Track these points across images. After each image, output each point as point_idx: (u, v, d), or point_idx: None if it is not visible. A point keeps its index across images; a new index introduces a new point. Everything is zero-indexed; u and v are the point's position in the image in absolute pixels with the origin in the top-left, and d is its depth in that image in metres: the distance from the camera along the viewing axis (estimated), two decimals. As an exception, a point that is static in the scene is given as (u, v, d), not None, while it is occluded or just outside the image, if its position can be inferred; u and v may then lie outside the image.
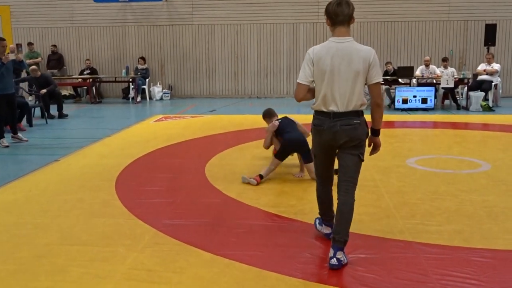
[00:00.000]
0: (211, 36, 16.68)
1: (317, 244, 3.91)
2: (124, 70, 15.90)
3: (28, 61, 15.91)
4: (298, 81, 3.57)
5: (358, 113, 3.49)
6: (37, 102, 11.97)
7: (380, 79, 3.51)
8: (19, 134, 8.74)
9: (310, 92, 3.60)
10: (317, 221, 4.13)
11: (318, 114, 3.57)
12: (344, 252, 3.49)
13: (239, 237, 4.08)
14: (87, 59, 16.52)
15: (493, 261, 3.54)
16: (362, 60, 3.40)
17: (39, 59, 16.27)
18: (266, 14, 16.36)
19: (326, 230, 3.98)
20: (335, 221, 3.56)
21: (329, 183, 3.87)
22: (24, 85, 11.94)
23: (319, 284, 3.23)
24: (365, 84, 3.49)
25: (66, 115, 11.93)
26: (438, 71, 13.61)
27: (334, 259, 3.44)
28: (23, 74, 14.84)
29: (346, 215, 3.52)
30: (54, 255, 3.74)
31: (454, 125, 10.28)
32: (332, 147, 3.58)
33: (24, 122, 10.26)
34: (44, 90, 11.62)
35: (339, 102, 3.45)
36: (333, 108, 3.47)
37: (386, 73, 13.85)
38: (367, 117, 3.55)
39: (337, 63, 3.43)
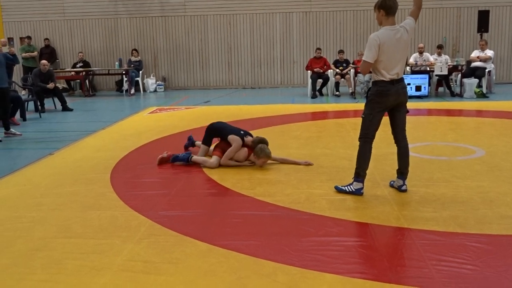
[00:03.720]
0: (204, 27, 16.61)
1: (313, 232, 3.91)
2: (117, 63, 15.83)
3: (24, 55, 15.89)
4: (365, 59, 4.60)
5: (404, 79, 4.75)
6: (30, 96, 11.91)
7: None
8: (12, 130, 8.68)
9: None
10: (340, 187, 4.91)
11: (381, 82, 4.61)
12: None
13: (235, 227, 4.08)
14: (80, 52, 16.42)
15: (488, 246, 3.55)
16: (407, 37, 4.65)
17: (35, 53, 16.19)
18: (258, 3, 16.29)
19: (358, 186, 4.80)
20: (400, 160, 4.85)
21: (373, 140, 4.81)
22: (17, 79, 11.89)
23: (316, 271, 3.23)
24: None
25: (71, 109, 11.98)
26: (431, 58, 13.61)
27: (405, 186, 4.85)
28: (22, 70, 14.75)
29: (408, 153, 4.86)
30: (50, 248, 3.74)
31: (449, 112, 10.30)
32: (390, 106, 4.68)
33: (17, 116, 10.21)
34: (52, 84, 11.86)
35: (399, 71, 4.62)
36: (393, 76, 4.57)
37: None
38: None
39: (395, 45, 4.56)
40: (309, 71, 13.80)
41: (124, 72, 15.62)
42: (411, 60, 13.64)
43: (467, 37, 15.90)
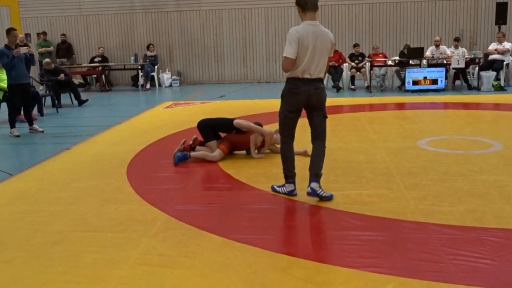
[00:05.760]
0: (219, 21, 16.60)
1: (328, 226, 3.91)
2: (132, 58, 15.92)
3: (40, 50, 16.13)
4: (286, 55, 4.30)
5: (322, 80, 4.45)
6: (47, 92, 12.04)
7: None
8: (35, 125, 8.77)
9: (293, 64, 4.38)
10: (275, 187, 4.76)
11: (293, 80, 4.35)
12: (319, 185, 4.41)
13: (250, 220, 4.09)
14: (101, 47, 16.54)
15: (506, 241, 3.52)
16: (329, 39, 4.42)
17: (51, 48, 16.42)
18: (273, -3, 16.23)
19: (289, 188, 4.62)
20: (313, 161, 4.47)
21: (293, 140, 4.58)
22: (35, 75, 12.03)
23: (331, 265, 3.24)
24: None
25: (86, 100, 12.14)
26: (448, 51, 13.46)
27: (309, 188, 4.41)
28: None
29: (321, 154, 4.50)
30: (68, 242, 3.79)
31: (465, 106, 10.18)
32: (302, 107, 4.43)
33: (35, 111, 10.31)
34: (62, 75, 11.98)
35: (313, 71, 4.32)
36: (307, 76, 4.30)
37: (403, 54, 13.71)
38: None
39: (315, 41, 4.31)
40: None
41: (139, 67, 15.71)
42: (428, 53, 13.50)
43: (485, 29, 15.69)
